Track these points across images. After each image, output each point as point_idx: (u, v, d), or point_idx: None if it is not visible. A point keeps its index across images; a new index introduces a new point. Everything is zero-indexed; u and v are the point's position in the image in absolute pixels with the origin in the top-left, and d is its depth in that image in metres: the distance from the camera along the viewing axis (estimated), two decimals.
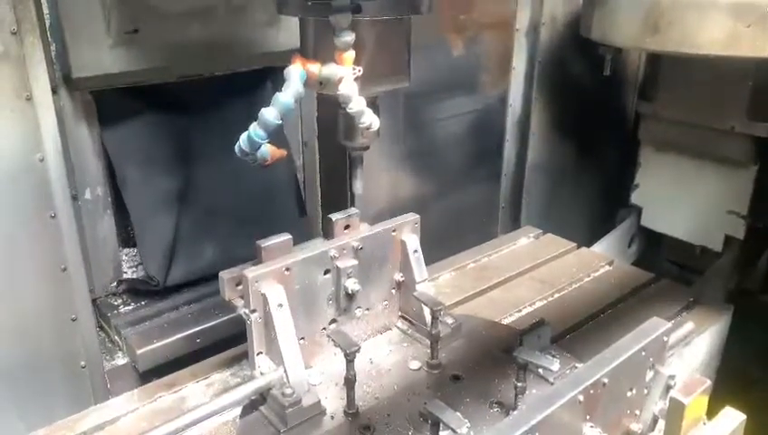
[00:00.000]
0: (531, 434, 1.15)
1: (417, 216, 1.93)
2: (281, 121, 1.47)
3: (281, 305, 1.60)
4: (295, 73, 1.48)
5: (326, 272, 1.74)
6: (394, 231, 1.88)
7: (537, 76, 3.16)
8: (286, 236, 1.72)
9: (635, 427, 1.45)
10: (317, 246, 1.74)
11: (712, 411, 1.57)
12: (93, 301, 2.20)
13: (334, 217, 1.82)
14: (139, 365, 2.04)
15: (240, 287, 1.65)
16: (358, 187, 1.79)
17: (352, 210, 1.85)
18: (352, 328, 1.84)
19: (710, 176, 3.18)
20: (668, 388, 1.47)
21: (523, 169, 3.32)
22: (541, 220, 3.15)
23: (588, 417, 1.30)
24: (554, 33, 3.14)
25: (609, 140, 3.63)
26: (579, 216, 3.59)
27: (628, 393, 1.41)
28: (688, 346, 2.11)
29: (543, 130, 3.29)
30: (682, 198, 3.30)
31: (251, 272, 1.58)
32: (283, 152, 1.61)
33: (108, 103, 2.12)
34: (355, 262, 1.77)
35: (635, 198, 3.51)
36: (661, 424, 1.50)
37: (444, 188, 3.03)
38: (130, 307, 2.26)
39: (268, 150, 1.55)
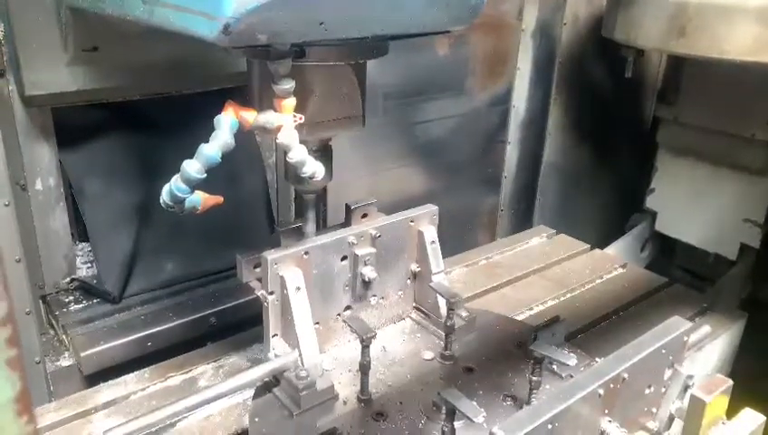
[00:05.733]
0: (550, 425, 1.15)
1: (436, 207, 1.92)
2: (204, 175, 1.32)
3: (299, 289, 1.60)
4: (225, 123, 1.32)
5: (343, 258, 1.74)
6: (412, 221, 1.87)
7: (556, 76, 3.15)
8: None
9: (651, 425, 1.44)
10: (336, 233, 1.74)
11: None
12: (43, 297, 2.13)
13: (353, 204, 1.82)
14: (83, 368, 1.92)
15: (258, 270, 1.65)
16: (310, 229, 1.71)
17: (370, 199, 1.84)
18: (366, 316, 1.83)
19: (727, 183, 3.15)
20: (686, 387, 1.46)
21: (531, 171, 3.28)
22: (554, 221, 3.13)
23: (606, 411, 1.29)
24: (575, 33, 3.13)
25: (625, 142, 3.61)
26: (592, 218, 3.57)
27: (647, 391, 1.40)
28: (701, 351, 2.10)
29: (560, 131, 3.27)
30: (698, 205, 3.27)
31: (270, 254, 1.58)
32: (217, 199, 1.46)
33: (66, 117, 2.01)
34: (373, 250, 1.77)
35: (650, 202, 3.48)
36: (677, 424, 1.49)
37: (434, 191, 2.92)
38: (81, 305, 2.13)
39: (199, 199, 1.40)
